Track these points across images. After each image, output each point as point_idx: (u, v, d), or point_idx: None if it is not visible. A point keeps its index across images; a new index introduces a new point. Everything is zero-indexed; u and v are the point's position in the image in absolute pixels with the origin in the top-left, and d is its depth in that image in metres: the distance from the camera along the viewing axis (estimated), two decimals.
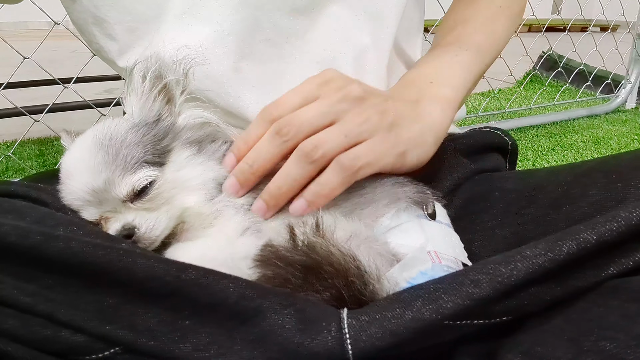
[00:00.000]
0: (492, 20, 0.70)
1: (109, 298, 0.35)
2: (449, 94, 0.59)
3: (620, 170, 0.44)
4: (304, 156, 0.46)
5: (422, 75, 0.61)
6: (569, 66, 2.64)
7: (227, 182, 0.50)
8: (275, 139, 0.47)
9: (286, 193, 0.48)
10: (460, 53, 0.63)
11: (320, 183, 0.47)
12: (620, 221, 0.33)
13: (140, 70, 0.51)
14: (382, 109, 0.50)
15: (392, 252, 0.47)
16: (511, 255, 0.35)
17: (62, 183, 0.48)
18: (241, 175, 0.49)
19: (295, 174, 0.47)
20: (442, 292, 0.35)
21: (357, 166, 0.47)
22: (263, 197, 0.48)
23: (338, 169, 0.47)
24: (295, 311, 0.36)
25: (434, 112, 0.55)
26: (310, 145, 0.46)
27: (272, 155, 0.48)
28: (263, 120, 0.49)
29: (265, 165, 0.48)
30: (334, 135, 0.47)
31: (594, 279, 0.34)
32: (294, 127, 0.47)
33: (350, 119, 0.48)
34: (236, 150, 0.50)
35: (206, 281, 0.36)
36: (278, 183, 0.48)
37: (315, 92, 0.49)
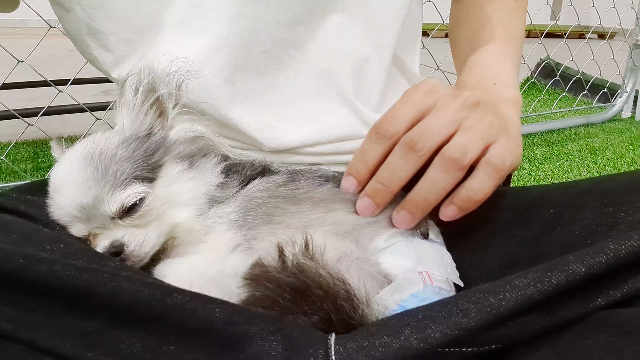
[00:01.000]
0: (513, 15, 0.72)
1: (93, 322, 0.35)
2: (514, 94, 0.60)
3: (613, 194, 0.44)
4: (453, 163, 0.45)
5: (483, 77, 0.62)
6: (566, 74, 2.64)
7: (361, 204, 0.49)
8: (409, 154, 0.46)
9: (433, 203, 0.47)
10: (503, 51, 0.65)
11: (472, 188, 0.47)
12: (609, 253, 0.33)
13: (133, 83, 0.51)
14: (494, 112, 0.51)
15: (383, 273, 0.46)
16: (500, 284, 0.35)
17: (51, 198, 0.47)
18: (377, 196, 0.48)
19: (443, 183, 0.46)
20: (430, 320, 0.35)
21: (506, 166, 0.47)
22: (408, 209, 0.48)
23: (490, 171, 0.46)
24: (282, 337, 0.36)
25: (511, 112, 0.56)
26: (459, 151, 0.45)
27: (408, 171, 0.47)
28: (379, 137, 0.48)
29: (401, 183, 0.48)
30: (474, 139, 0.46)
31: (582, 310, 0.34)
32: (428, 139, 0.46)
33: (478, 123, 0.48)
34: (355, 172, 0.50)
35: (192, 306, 0.35)
36: (424, 194, 0.47)
37: (426, 102, 0.48)
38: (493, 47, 0.66)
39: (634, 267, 0.34)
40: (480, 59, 0.66)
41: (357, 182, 0.50)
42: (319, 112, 0.62)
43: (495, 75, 0.62)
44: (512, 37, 0.69)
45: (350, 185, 0.50)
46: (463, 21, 0.76)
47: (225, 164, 0.54)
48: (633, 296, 0.34)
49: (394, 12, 0.63)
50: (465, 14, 0.76)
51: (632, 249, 0.33)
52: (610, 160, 1.80)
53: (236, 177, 0.53)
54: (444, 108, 0.48)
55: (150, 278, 0.41)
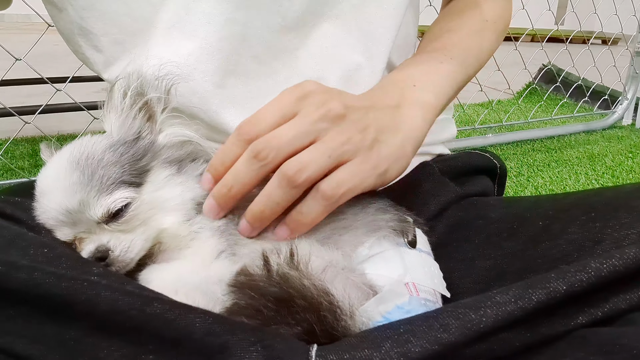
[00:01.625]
0: (478, 33, 0.69)
1: (72, 331, 0.34)
2: (432, 100, 0.57)
3: (600, 209, 0.44)
4: (287, 180, 0.45)
5: (405, 77, 0.60)
6: (568, 80, 2.64)
7: (206, 205, 0.49)
8: (253, 162, 0.46)
9: (269, 216, 0.47)
10: (445, 60, 0.63)
11: (301, 212, 0.46)
12: (591, 272, 0.33)
13: (121, 87, 0.51)
14: (363, 125, 0.49)
15: (368, 283, 0.46)
16: (481, 300, 0.35)
17: (37, 201, 0.47)
18: (220, 198, 0.48)
19: (277, 198, 0.46)
20: (411, 334, 0.35)
21: (339, 194, 0.46)
22: (247, 218, 0.48)
23: (319, 198, 0.46)
24: (263, 348, 0.35)
25: (414, 118, 0.54)
26: (294, 169, 0.45)
27: (250, 178, 0.47)
28: (239, 139, 0.47)
29: (243, 189, 0.47)
30: (317, 157, 0.45)
31: (563, 328, 0.34)
32: (273, 149, 0.45)
33: (332, 139, 0.46)
34: (213, 170, 0.49)
35: (172, 315, 0.35)
36: (260, 207, 0.47)
37: (293, 108, 0.47)
38: (437, 55, 0.64)
39: (615, 286, 0.34)
40: (416, 61, 0.64)
41: (213, 180, 0.49)
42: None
43: (419, 78, 0.59)
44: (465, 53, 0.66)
45: (206, 182, 0.49)
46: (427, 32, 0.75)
47: None
48: (613, 315, 0.34)
49: (388, 21, 0.62)
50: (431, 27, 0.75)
51: (613, 268, 0.33)
52: (610, 168, 1.79)
53: None
54: (303, 117, 0.46)
55: (132, 286, 0.40)
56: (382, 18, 0.61)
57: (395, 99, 0.55)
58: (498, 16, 0.71)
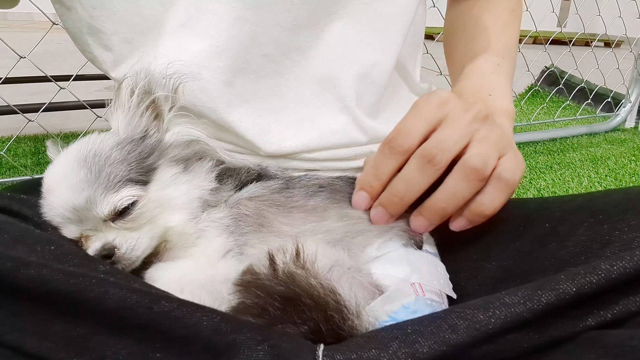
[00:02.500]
0: (509, 25, 0.72)
1: (79, 328, 0.34)
2: (509, 105, 0.60)
3: (608, 211, 0.44)
4: (474, 173, 0.46)
5: (479, 87, 0.62)
6: (570, 82, 2.63)
7: (375, 213, 0.50)
8: (427, 167, 0.47)
9: (451, 212, 0.48)
10: (499, 62, 0.66)
11: (483, 203, 0.47)
12: (601, 274, 0.33)
13: (129, 85, 0.51)
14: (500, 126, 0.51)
15: (375, 283, 0.46)
16: (490, 301, 0.34)
17: (44, 198, 0.47)
18: (392, 206, 0.49)
19: (463, 193, 0.47)
20: (419, 335, 0.35)
21: (517, 180, 0.48)
22: (426, 215, 0.48)
23: (503, 186, 0.47)
24: (270, 347, 0.35)
25: (505, 125, 0.57)
26: (480, 162, 0.46)
27: (425, 184, 0.47)
28: (393, 152, 0.48)
29: (417, 195, 0.48)
30: (490, 151, 0.47)
31: (571, 330, 0.34)
32: (446, 152, 0.46)
33: (490, 136, 0.48)
34: (368, 187, 0.50)
35: (179, 313, 0.35)
36: (443, 203, 0.47)
37: (438, 115, 0.48)
38: (489, 57, 0.66)
39: (625, 288, 0.34)
40: (477, 68, 0.66)
41: (369, 197, 0.50)
42: (318, 118, 0.61)
43: (491, 86, 0.62)
44: (507, 48, 0.69)
45: (362, 201, 0.50)
46: (460, 28, 0.75)
47: (221, 168, 0.54)
48: (623, 317, 0.34)
49: (401, 18, 0.62)
50: (462, 21, 0.76)
51: (623, 270, 0.33)
52: (612, 171, 1.79)
53: (231, 182, 0.53)
54: (456, 120, 0.48)
55: (139, 284, 0.40)
56: (396, 15, 0.61)
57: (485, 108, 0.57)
58: (517, 3, 0.74)
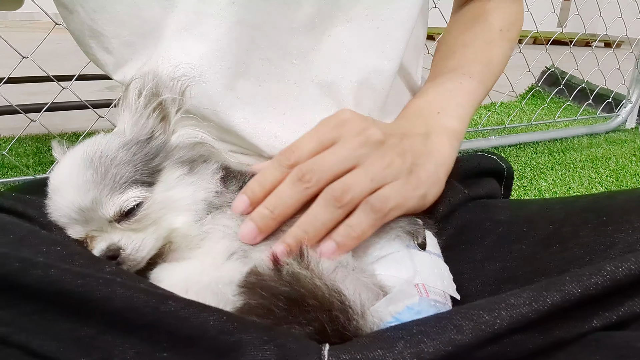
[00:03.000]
0: (492, 44, 0.70)
1: (87, 328, 0.35)
2: (456, 126, 0.59)
3: (612, 213, 0.44)
4: (333, 200, 0.46)
5: (428, 104, 0.61)
6: (571, 83, 2.63)
7: (244, 228, 0.48)
8: (297, 185, 0.47)
9: (313, 237, 0.47)
10: (464, 81, 0.64)
11: (350, 225, 0.47)
12: (606, 275, 0.33)
13: (136, 87, 0.51)
14: (400, 150, 0.51)
15: (379, 284, 0.46)
16: (495, 302, 0.35)
17: (49, 199, 0.48)
18: (261, 220, 0.48)
19: (323, 218, 0.46)
20: (424, 335, 0.35)
21: (387, 208, 0.47)
22: (287, 241, 0.47)
23: (368, 211, 0.47)
24: (276, 346, 0.36)
25: (443, 145, 0.56)
26: (339, 189, 0.46)
27: (294, 201, 0.47)
28: (280, 164, 0.49)
29: (286, 212, 0.48)
30: (361, 179, 0.47)
31: (577, 331, 0.34)
32: (317, 173, 0.47)
33: (373, 163, 0.48)
34: (250, 193, 0.49)
35: (186, 313, 0.35)
36: (304, 227, 0.47)
37: (331, 136, 0.49)
38: (455, 75, 0.64)
39: (630, 290, 0.34)
40: (437, 85, 0.65)
41: (249, 202, 0.49)
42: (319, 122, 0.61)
43: (442, 105, 0.61)
44: (483, 67, 0.66)
45: (242, 205, 0.49)
46: (441, 43, 0.75)
47: (225, 170, 0.54)
48: (628, 319, 0.34)
49: (404, 22, 0.62)
50: (445, 37, 0.75)
51: (628, 272, 0.33)
52: (613, 171, 1.79)
53: (235, 183, 0.53)
54: (343, 144, 0.48)
55: (145, 284, 0.41)
56: (397, 20, 0.61)
57: (423, 127, 0.56)
58: (510, 23, 0.72)
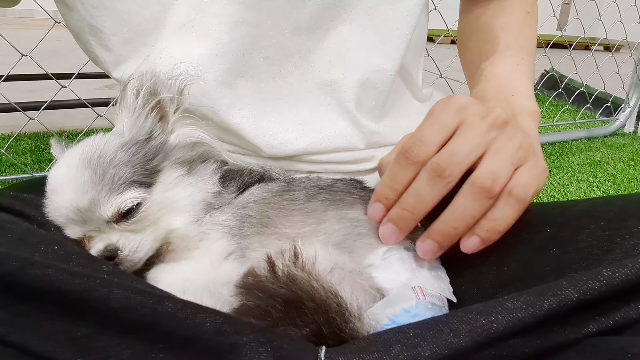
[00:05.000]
0: (526, 25, 0.72)
1: (84, 328, 0.35)
2: (533, 106, 0.59)
3: (610, 218, 0.44)
4: (484, 192, 0.44)
5: (501, 88, 0.60)
6: (570, 86, 2.64)
7: (384, 230, 0.48)
8: (436, 181, 0.45)
9: (462, 232, 0.46)
10: (519, 62, 0.64)
11: (495, 219, 0.45)
12: (603, 280, 0.33)
13: (134, 86, 0.51)
14: (522, 129, 0.49)
15: (376, 287, 0.46)
16: (492, 306, 0.35)
17: (47, 198, 0.47)
18: (402, 222, 0.47)
19: (474, 212, 0.45)
20: (420, 338, 0.35)
21: (529, 196, 0.46)
22: (434, 238, 0.46)
23: (513, 203, 0.45)
24: (272, 348, 0.36)
25: (531, 127, 0.55)
26: (489, 180, 0.44)
27: (435, 198, 0.46)
28: (410, 163, 0.46)
29: (427, 209, 0.46)
30: (505, 166, 0.45)
31: (573, 336, 0.34)
32: (456, 166, 0.44)
33: (507, 146, 0.46)
34: (384, 199, 0.48)
35: (183, 314, 0.35)
36: (454, 223, 0.45)
37: (453, 122, 0.47)
38: (508, 58, 0.64)
39: (627, 295, 0.34)
40: (497, 68, 0.64)
41: (385, 208, 0.48)
42: (319, 122, 0.61)
43: (513, 86, 0.60)
44: (526, 48, 0.68)
45: (378, 213, 0.49)
46: (474, 32, 0.75)
47: (224, 170, 0.54)
48: (625, 324, 0.34)
49: (405, 23, 0.62)
50: (476, 25, 0.75)
51: (625, 277, 0.33)
52: (611, 175, 1.79)
53: (234, 184, 0.53)
54: (472, 129, 0.46)
55: (142, 285, 0.41)
56: (398, 20, 0.61)
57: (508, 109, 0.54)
58: (531, 5, 0.74)
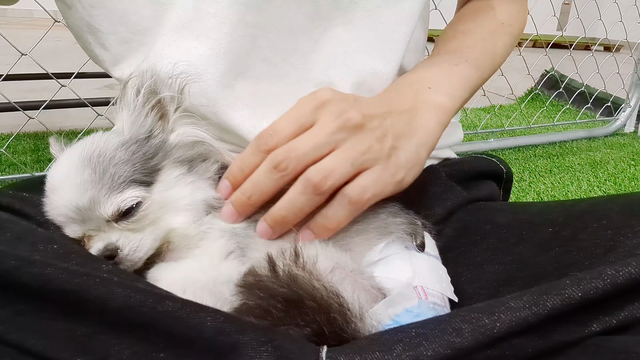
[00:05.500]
0: (492, 35, 0.69)
1: (83, 327, 0.34)
2: (447, 103, 0.58)
3: (612, 216, 0.44)
4: (312, 187, 0.45)
5: (420, 79, 0.60)
6: (570, 86, 2.64)
7: (224, 210, 0.49)
8: (272, 172, 0.47)
9: (291, 221, 0.47)
10: (459, 63, 0.63)
11: (327, 216, 0.47)
12: (606, 279, 0.33)
13: (135, 85, 0.50)
14: (381, 133, 0.49)
15: (377, 286, 0.46)
16: (495, 305, 0.34)
17: (47, 197, 0.47)
18: (239, 205, 0.49)
19: (301, 205, 0.46)
20: (423, 338, 0.35)
21: (365, 199, 0.47)
22: (267, 221, 0.48)
23: (345, 203, 0.46)
24: (273, 348, 0.35)
25: (429, 121, 0.55)
26: (319, 176, 0.45)
27: (269, 188, 0.47)
28: (258, 149, 0.48)
29: (262, 197, 0.48)
30: (341, 165, 0.46)
31: (576, 335, 0.34)
32: (293, 160, 0.46)
33: (352, 147, 0.47)
34: (231, 178, 0.50)
35: (183, 314, 0.35)
36: (283, 212, 0.47)
37: (310, 117, 0.48)
38: (450, 57, 0.64)
39: (631, 294, 0.34)
40: (431, 63, 0.64)
41: (231, 187, 0.50)
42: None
43: (435, 80, 0.59)
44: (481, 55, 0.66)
45: (225, 190, 0.50)
46: (444, 31, 0.74)
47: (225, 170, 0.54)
48: (628, 323, 0.34)
49: (404, 24, 0.62)
50: (448, 26, 0.75)
51: (629, 276, 0.33)
52: (612, 175, 1.79)
53: None
54: (320, 127, 0.47)
55: (142, 284, 0.40)
56: (397, 23, 0.61)
57: (410, 101, 0.55)
58: (513, 19, 0.71)
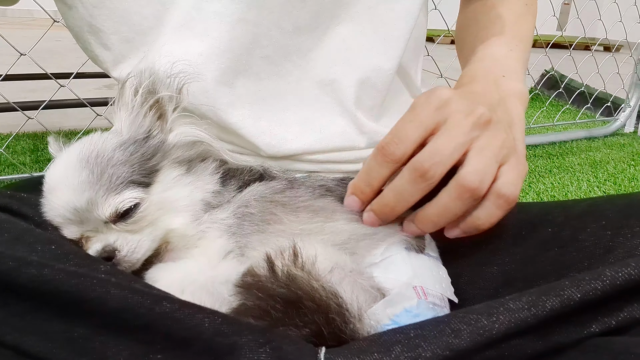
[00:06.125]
0: (523, 17, 0.72)
1: (80, 328, 0.34)
2: (522, 88, 0.58)
3: (611, 217, 0.44)
4: (469, 192, 0.44)
5: (491, 69, 0.60)
6: (570, 86, 2.64)
7: (367, 217, 0.49)
8: (419, 181, 0.44)
9: (442, 225, 0.47)
10: (512, 47, 0.64)
11: (480, 218, 0.46)
12: (606, 280, 0.33)
13: (133, 84, 0.50)
14: (505, 126, 0.49)
15: (377, 286, 0.46)
16: (494, 306, 0.34)
17: (45, 198, 0.47)
18: (382, 214, 0.48)
19: (456, 210, 0.45)
20: (421, 339, 0.34)
21: (516, 196, 0.46)
22: (418, 224, 0.47)
23: (502, 203, 0.45)
24: (272, 349, 0.35)
25: (518, 109, 0.54)
26: (476, 180, 0.43)
27: (415, 197, 0.46)
28: (385, 160, 0.46)
29: (407, 206, 0.47)
30: (490, 165, 0.45)
31: (576, 336, 0.34)
32: (440, 166, 0.44)
33: (490, 144, 0.45)
34: (360, 193, 0.49)
35: (181, 315, 0.35)
36: (435, 217, 0.46)
37: (435, 119, 0.45)
38: (502, 42, 0.64)
39: (630, 295, 0.34)
40: (490, 50, 0.64)
41: (360, 202, 0.49)
42: (318, 121, 0.61)
43: (504, 68, 0.59)
44: (521, 38, 0.67)
45: (354, 205, 0.50)
46: (472, 22, 0.75)
47: (223, 169, 0.53)
48: (628, 324, 0.34)
49: (403, 23, 0.62)
50: (474, 16, 0.75)
51: (628, 277, 0.33)
52: (611, 175, 1.79)
53: (233, 182, 0.53)
54: (455, 127, 0.45)
55: (140, 284, 0.40)
56: (398, 19, 0.61)
57: (496, 93, 0.54)
58: (532, 1, 0.74)
